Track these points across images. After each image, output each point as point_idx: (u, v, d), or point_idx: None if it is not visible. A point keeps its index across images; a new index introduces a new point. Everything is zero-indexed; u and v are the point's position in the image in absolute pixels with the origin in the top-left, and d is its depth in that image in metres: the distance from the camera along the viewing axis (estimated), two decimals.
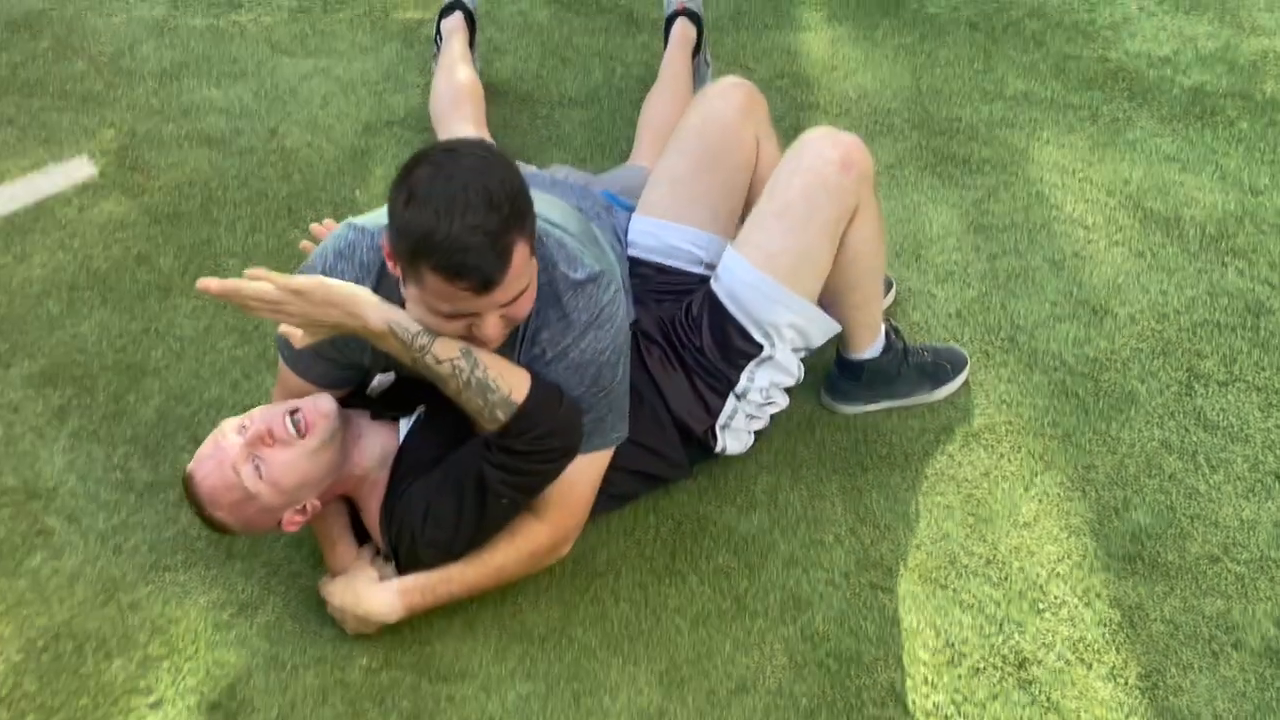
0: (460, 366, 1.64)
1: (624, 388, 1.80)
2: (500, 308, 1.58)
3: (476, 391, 1.65)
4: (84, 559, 1.97)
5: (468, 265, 1.49)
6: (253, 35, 3.25)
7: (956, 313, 2.46)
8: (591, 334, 1.71)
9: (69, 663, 1.83)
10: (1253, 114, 3.00)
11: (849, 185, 1.92)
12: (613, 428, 1.80)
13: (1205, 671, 1.84)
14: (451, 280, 1.51)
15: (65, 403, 2.23)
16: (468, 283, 1.51)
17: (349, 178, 2.77)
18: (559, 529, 1.84)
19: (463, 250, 1.48)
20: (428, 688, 1.81)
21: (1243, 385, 2.30)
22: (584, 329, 1.71)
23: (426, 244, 1.49)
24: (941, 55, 3.22)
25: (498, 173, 1.53)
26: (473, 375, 1.64)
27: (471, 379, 1.64)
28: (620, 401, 1.80)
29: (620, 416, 1.81)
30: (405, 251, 1.53)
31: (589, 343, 1.71)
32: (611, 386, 1.76)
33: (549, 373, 1.72)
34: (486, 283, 1.51)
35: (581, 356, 1.71)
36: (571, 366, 1.72)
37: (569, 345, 1.71)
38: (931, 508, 2.08)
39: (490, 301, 1.55)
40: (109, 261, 2.53)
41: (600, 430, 1.78)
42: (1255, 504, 2.09)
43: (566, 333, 1.71)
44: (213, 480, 1.71)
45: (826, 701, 1.80)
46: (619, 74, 3.14)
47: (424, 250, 1.50)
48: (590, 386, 1.73)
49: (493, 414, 1.67)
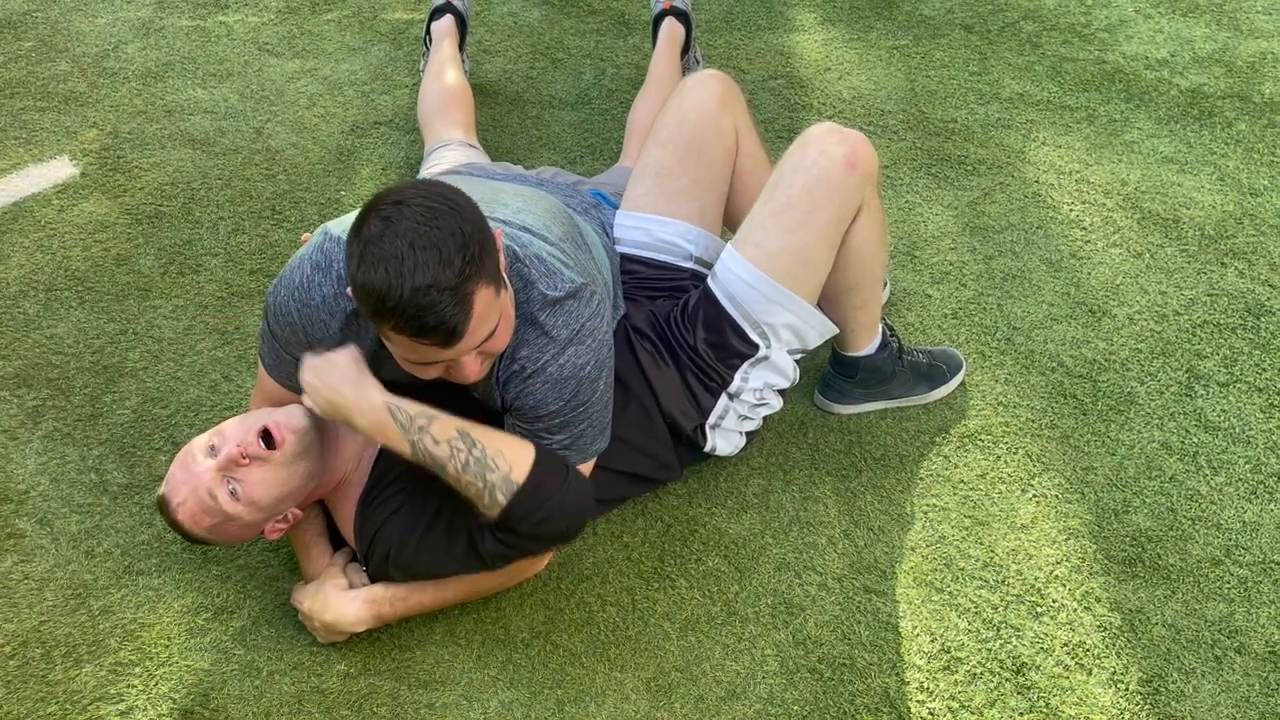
0: (458, 446, 1.60)
1: (605, 401, 1.75)
2: (475, 348, 1.54)
3: (476, 472, 1.60)
4: (55, 563, 1.92)
5: (428, 325, 1.45)
6: (239, 36, 3.21)
7: (952, 314, 2.41)
8: (572, 349, 1.66)
9: (36, 669, 1.77)
10: (1251, 115, 2.97)
11: (853, 185, 1.87)
12: (592, 441, 1.75)
13: (1208, 677, 1.79)
14: (415, 338, 1.47)
15: (40, 404, 2.18)
16: (432, 339, 1.47)
17: (334, 178, 2.73)
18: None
19: (420, 309, 1.43)
20: (407, 695, 1.76)
21: (1244, 386, 2.26)
22: (564, 345, 1.66)
23: (383, 307, 1.44)
24: (936, 57, 3.19)
25: (447, 222, 1.45)
26: (470, 455, 1.60)
27: (470, 459, 1.60)
28: (601, 415, 1.75)
29: (600, 430, 1.76)
30: (366, 311, 1.49)
31: (569, 358, 1.66)
32: (591, 401, 1.71)
33: (527, 388, 1.66)
34: (450, 335, 1.47)
35: (560, 372, 1.66)
36: (550, 381, 1.66)
37: (548, 361, 1.66)
38: (927, 510, 2.03)
39: (460, 349, 1.51)
40: (88, 262, 2.49)
41: (579, 446, 1.73)
42: (1258, 506, 2.04)
43: (546, 348, 1.66)
44: (189, 506, 1.66)
45: (819, 708, 1.75)
46: (610, 75, 3.10)
47: (383, 313, 1.45)
48: (569, 401, 1.68)
49: (493, 496, 1.61)
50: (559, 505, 1.63)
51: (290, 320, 1.69)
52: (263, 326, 1.76)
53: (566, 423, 1.70)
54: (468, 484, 1.61)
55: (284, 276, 1.72)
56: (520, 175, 2.23)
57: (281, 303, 1.69)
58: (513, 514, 1.61)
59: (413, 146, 2.81)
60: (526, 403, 1.68)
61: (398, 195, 1.47)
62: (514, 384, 1.67)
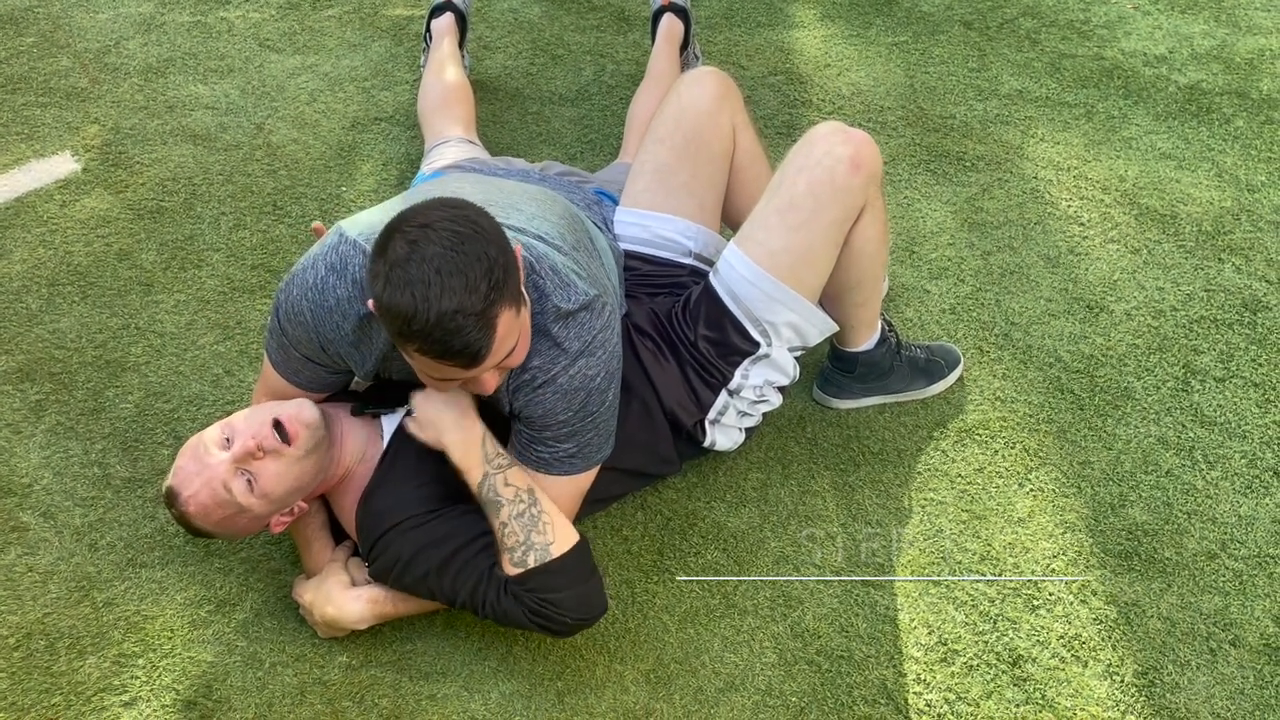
0: (522, 498, 1.68)
1: (613, 410, 1.77)
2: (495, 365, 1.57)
3: (525, 526, 1.67)
4: (59, 556, 1.93)
5: (453, 348, 1.48)
6: (241, 31, 3.22)
7: (950, 309, 2.42)
8: (583, 360, 1.68)
9: (40, 661, 1.79)
10: (1249, 112, 2.98)
11: (857, 185, 1.87)
12: (597, 450, 1.78)
13: (1203, 669, 1.81)
14: (439, 359, 1.50)
15: (43, 398, 2.19)
16: (456, 361, 1.50)
17: (335, 174, 2.74)
18: None
19: (445, 334, 1.46)
20: (409, 686, 1.77)
21: (1240, 381, 2.27)
22: (575, 356, 1.68)
23: (408, 329, 1.47)
24: (935, 53, 3.20)
25: (473, 247, 1.47)
26: (529, 510, 1.68)
27: (526, 513, 1.67)
28: (607, 424, 1.77)
29: (606, 438, 1.78)
30: (390, 330, 1.52)
31: (579, 369, 1.68)
32: (599, 411, 1.73)
33: (537, 397, 1.68)
34: (474, 358, 1.50)
35: (570, 383, 1.68)
36: (560, 392, 1.68)
37: (558, 372, 1.68)
38: (924, 504, 2.05)
39: (482, 369, 1.54)
40: (90, 257, 2.50)
41: (584, 454, 1.76)
42: (1253, 500, 2.05)
43: (558, 360, 1.68)
44: (202, 498, 1.67)
45: (817, 700, 1.77)
46: (610, 71, 3.11)
47: (407, 334, 1.48)
48: (578, 412, 1.70)
49: (525, 555, 1.66)
50: (573, 596, 1.68)
51: (303, 320, 1.70)
52: (272, 323, 1.77)
53: (574, 432, 1.72)
54: (510, 533, 1.67)
55: (296, 275, 1.72)
56: (524, 171, 2.23)
57: (294, 301, 1.70)
58: (531, 579, 1.66)
59: (413, 142, 2.82)
60: (535, 412, 1.70)
61: (423, 217, 1.49)
62: (524, 392, 1.69)
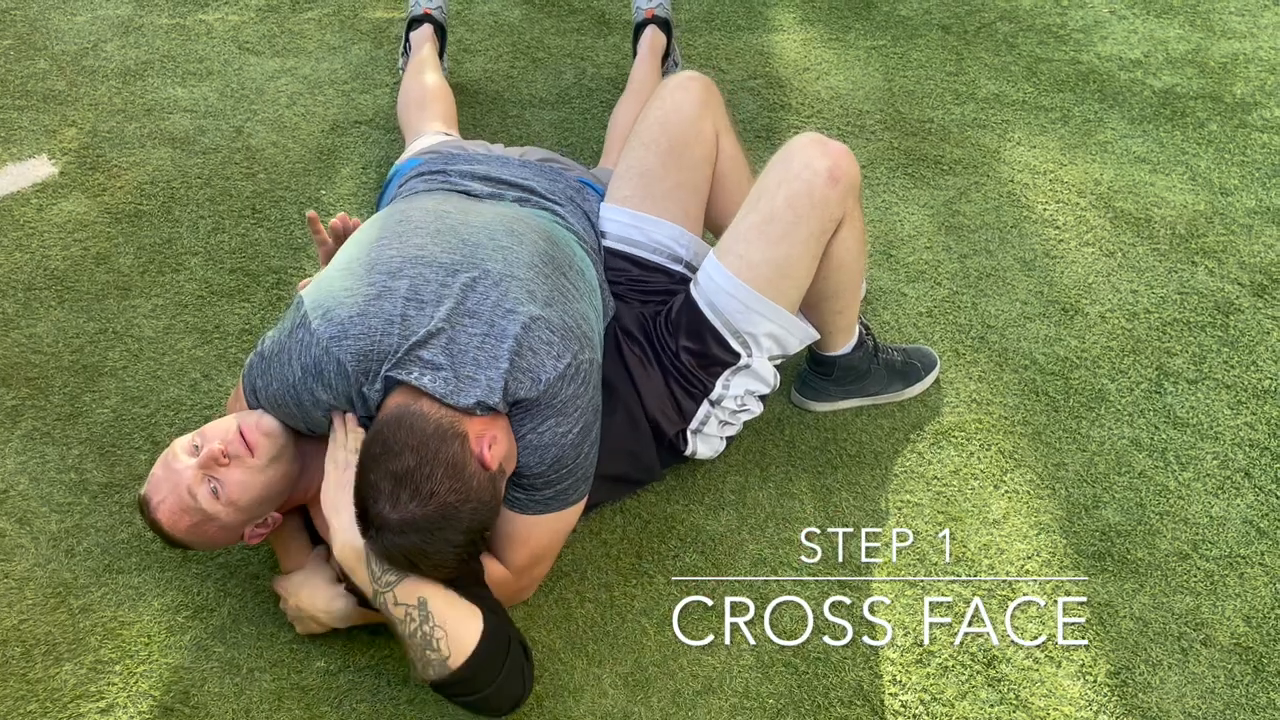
0: (412, 615, 1.60)
1: (591, 459, 1.77)
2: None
3: (420, 644, 1.60)
4: (34, 562, 1.92)
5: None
6: (219, 34, 3.21)
7: (927, 312, 2.44)
8: (552, 420, 1.68)
9: (16, 668, 1.78)
10: (1223, 116, 3.01)
11: (835, 198, 1.87)
12: (574, 491, 1.77)
13: (1174, 669, 1.83)
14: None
15: (18, 403, 2.18)
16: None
17: (315, 177, 2.73)
18: (524, 576, 1.81)
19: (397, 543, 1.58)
20: (387, 691, 1.78)
21: (1212, 383, 2.30)
22: (544, 418, 1.68)
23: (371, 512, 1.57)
24: (913, 57, 3.22)
25: (446, 534, 1.56)
26: (420, 628, 1.61)
27: (418, 631, 1.60)
28: (586, 469, 1.76)
29: (583, 480, 1.78)
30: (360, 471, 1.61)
31: (549, 428, 1.68)
32: (575, 463, 1.72)
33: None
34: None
35: (540, 440, 1.68)
36: (529, 449, 1.69)
37: (528, 431, 1.68)
38: (901, 506, 2.06)
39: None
40: (67, 261, 2.49)
41: (561, 498, 1.75)
42: (1225, 501, 2.07)
43: (525, 421, 1.68)
44: (169, 504, 1.67)
45: (794, 702, 1.78)
46: (590, 75, 3.12)
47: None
48: (552, 465, 1.70)
49: (426, 671, 1.61)
50: (485, 699, 1.63)
51: (288, 410, 1.72)
52: (245, 385, 1.76)
53: (549, 482, 1.72)
54: (411, 647, 1.61)
55: (272, 366, 1.71)
56: (502, 157, 2.18)
57: (275, 394, 1.71)
58: (443, 688, 1.62)
59: (393, 145, 2.82)
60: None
61: (393, 501, 1.54)
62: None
